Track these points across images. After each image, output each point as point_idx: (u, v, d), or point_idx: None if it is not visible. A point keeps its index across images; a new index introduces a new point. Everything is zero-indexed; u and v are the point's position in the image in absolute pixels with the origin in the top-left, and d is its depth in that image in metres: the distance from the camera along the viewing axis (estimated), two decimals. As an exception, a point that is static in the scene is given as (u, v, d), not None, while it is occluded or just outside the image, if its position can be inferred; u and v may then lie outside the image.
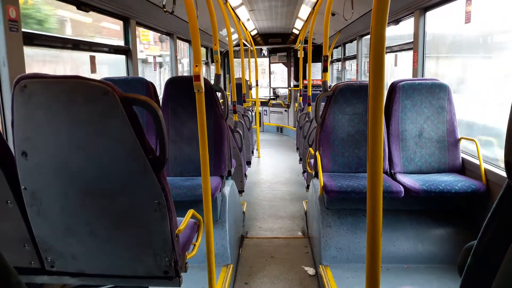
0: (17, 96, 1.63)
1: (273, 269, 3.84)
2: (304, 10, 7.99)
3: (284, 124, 12.90)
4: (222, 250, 3.60)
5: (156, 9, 5.00)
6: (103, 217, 1.83)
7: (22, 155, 1.71)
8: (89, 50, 4.11)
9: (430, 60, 4.91)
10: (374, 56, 1.64)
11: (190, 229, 2.31)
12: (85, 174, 1.74)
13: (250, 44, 10.24)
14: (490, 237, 1.04)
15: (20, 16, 2.64)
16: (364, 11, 6.01)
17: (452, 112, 3.86)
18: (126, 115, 1.61)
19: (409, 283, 3.17)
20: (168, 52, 7.20)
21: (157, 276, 1.96)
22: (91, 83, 1.60)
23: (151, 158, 1.70)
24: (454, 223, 3.60)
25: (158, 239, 1.85)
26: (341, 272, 3.37)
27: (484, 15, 3.85)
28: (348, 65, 9.72)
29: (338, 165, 4.04)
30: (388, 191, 3.35)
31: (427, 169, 3.85)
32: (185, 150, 3.98)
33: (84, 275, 1.99)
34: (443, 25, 4.72)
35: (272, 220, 5.26)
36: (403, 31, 5.64)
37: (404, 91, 3.88)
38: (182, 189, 3.41)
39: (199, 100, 2.46)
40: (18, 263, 1.96)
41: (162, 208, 1.78)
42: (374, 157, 1.71)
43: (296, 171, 7.86)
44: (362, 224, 3.62)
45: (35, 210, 1.81)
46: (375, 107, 1.67)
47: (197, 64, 2.41)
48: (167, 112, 3.98)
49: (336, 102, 4.00)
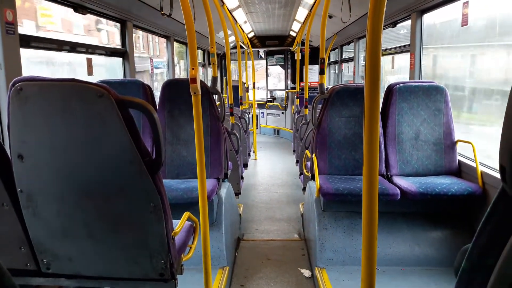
0: (13, 99, 1.63)
1: (269, 271, 3.83)
2: (301, 13, 8.01)
3: (281, 126, 12.92)
4: (218, 252, 3.60)
5: (153, 12, 5.00)
6: (99, 219, 1.82)
7: (18, 158, 1.70)
8: (86, 52, 4.10)
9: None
10: (370, 58, 1.64)
11: (186, 231, 2.31)
12: (81, 177, 1.74)
13: (247, 47, 10.25)
14: (484, 240, 1.04)
15: (16, 19, 2.64)
16: (361, 14, 6.03)
17: (448, 114, 3.87)
18: (122, 118, 1.61)
19: (405, 285, 3.17)
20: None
21: (153, 279, 1.96)
22: (87, 86, 1.60)
23: (147, 160, 1.70)
24: (451, 225, 3.61)
25: (154, 242, 1.85)
26: (337, 274, 3.37)
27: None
28: (345, 67, 9.74)
29: (335, 167, 4.04)
30: (384, 193, 3.35)
31: (423, 171, 3.86)
32: (181, 153, 3.98)
33: (80, 277, 1.99)
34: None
35: (268, 222, 5.26)
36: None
37: (400, 93, 3.89)
38: (178, 192, 3.41)
39: (195, 102, 2.46)
40: (14, 265, 1.96)
41: (158, 210, 1.78)
42: (370, 159, 1.71)
43: (292, 174, 7.87)
44: (358, 226, 3.63)
45: (31, 213, 1.80)
46: (371, 110, 1.68)
47: (194, 67, 2.42)
48: (164, 114, 3.98)
49: (332, 104, 4.01)
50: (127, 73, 4.89)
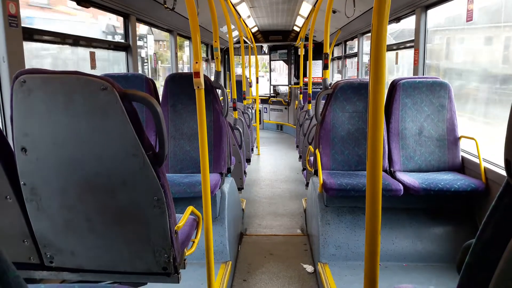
0: (16, 92, 1.63)
1: (272, 267, 3.84)
2: (305, 7, 7.98)
3: (284, 122, 12.90)
4: (221, 247, 3.61)
5: (157, 6, 4.99)
6: (102, 213, 1.83)
7: (21, 151, 1.71)
8: (89, 46, 4.10)
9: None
10: (375, 54, 1.63)
11: (189, 226, 2.31)
12: (84, 170, 1.74)
13: (251, 41, 10.23)
14: (489, 235, 1.04)
15: (19, 12, 2.64)
16: (365, 9, 6.00)
17: (452, 110, 3.85)
18: (125, 111, 1.61)
19: (407, 281, 3.17)
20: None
21: (156, 273, 1.96)
22: (90, 78, 1.60)
23: (150, 154, 1.70)
24: (453, 221, 3.60)
25: (157, 236, 1.86)
26: (340, 269, 3.37)
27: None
28: (349, 63, 9.71)
29: (338, 163, 4.04)
30: (387, 189, 3.35)
31: (426, 167, 3.85)
32: (184, 147, 3.98)
33: (83, 270, 1.99)
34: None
35: (271, 217, 5.27)
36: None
37: (404, 89, 3.88)
38: (181, 186, 3.41)
39: (199, 97, 2.45)
40: (17, 259, 1.96)
41: (161, 204, 1.78)
42: (374, 155, 1.70)
43: (295, 169, 7.86)
44: (361, 222, 3.63)
45: (35, 206, 1.81)
46: (375, 105, 1.67)
47: (197, 61, 2.41)
48: (167, 108, 3.98)
49: (336, 100, 4.00)
50: (130, 67, 4.89)
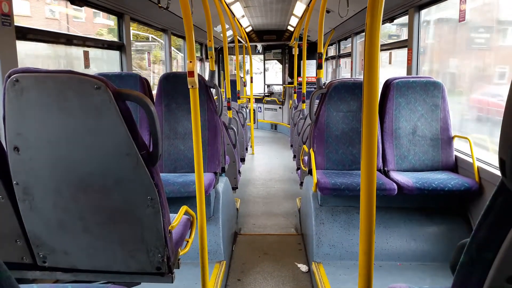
0: (9, 91, 1.61)
1: (266, 266, 3.84)
2: (299, 7, 7.98)
3: (279, 121, 12.91)
4: (215, 246, 3.60)
5: (151, 5, 4.97)
6: (95, 212, 1.82)
7: (14, 150, 1.69)
8: (83, 45, 4.08)
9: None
10: (368, 53, 1.64)
11: (183, 225, 2.30)
12: (77, 169, 1.73)
13: (245, 41, 10.22)
14: (483, 234, 1.04)
15: (13, 11, 2.62)
16: (359, 9, 6.02)
17: (446, 110, 3.87)
18: (119, 110, 1.60)
19: (401, 280, 3.18)
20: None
21: (149, 272, 1.96)
22: (83, 77, 1.59)
23: (144, 153, 1.70)
24: (447, 221, 3.62)
25: (150, 235, 1.85)
26: (334, 269, 3.38)
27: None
28: (343, 62, 9.73)
29: (332, 162, 4.05)
30: (381, 188, 3.36)
31: (420, 167, 3.86)
32: (178, 146, 3.97)
33: (77, 270, 1.98)
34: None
35: (265, 217, 5.27)
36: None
37: (398, 88, 3.89)
38: (175, 186, 3.40)
39: (193, 96, 2.45)
40: (10, 259, 1.95)
41: (155, 204, 1.78)
42: (368, 154, 1.71)
43: (290, 168, 7.87)
44: (355, 221, 3.64)
45: (27, 206, 1.79)
46: (369, 105, 1.67)
47: (191, 60, 2.41)
48: (161, 107, 3.97)
49: (330, 99, 4.01)
50: (124, 66, 4.87)
